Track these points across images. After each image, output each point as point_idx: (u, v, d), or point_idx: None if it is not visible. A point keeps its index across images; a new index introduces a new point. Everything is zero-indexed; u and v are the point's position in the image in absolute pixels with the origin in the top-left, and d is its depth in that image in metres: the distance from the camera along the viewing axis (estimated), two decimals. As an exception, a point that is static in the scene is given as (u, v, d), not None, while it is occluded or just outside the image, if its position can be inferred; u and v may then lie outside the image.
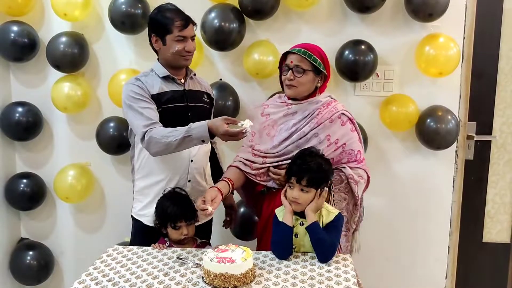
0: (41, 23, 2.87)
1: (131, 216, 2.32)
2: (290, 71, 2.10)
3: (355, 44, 2.66)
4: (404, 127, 2.74)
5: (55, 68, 2.79)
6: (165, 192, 2.10)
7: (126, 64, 2.87)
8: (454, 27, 2.73)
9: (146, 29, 2.68)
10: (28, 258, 2.95)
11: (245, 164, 2.17)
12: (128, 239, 2.87)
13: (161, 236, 2.10)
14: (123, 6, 2.64)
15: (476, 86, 2.86)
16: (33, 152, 3.02)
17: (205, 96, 2.29)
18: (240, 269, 1.62)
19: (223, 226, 2.49)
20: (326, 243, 1.82)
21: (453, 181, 2.90)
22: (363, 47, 2.65)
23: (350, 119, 2.16)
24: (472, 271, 3.07)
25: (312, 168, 1.86)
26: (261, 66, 2.68)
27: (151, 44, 2.20)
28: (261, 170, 2.15)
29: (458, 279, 3.03)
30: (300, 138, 2.11)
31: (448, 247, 2.96)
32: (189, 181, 2.21)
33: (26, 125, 2.83)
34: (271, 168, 2.13)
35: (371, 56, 2.63)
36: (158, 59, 2.23)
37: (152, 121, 2.04)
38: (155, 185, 2.19)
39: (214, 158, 2.45)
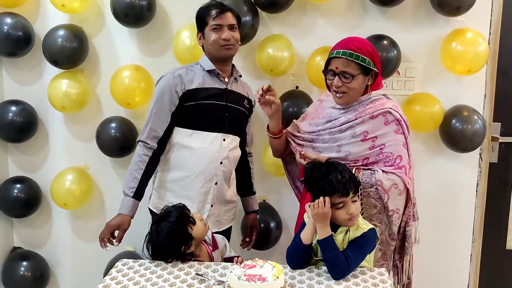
0: (36, 15, 2.74)
1: (148, 208, 2.27)
2: (337, 77, 1.93)
3: (377, 39, 2.50)
4: (428, 128, 2.60)
5: (52, 64, 2.64)
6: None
7: (128, 60, 2.72)
8: (480, 22, 2.60)
9: (151, 22, 2.62)
10: (22, 268, 2.82)
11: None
12: (130, 248, 2.73)
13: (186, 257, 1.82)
14: (127, -3, 2.47)
15: (502, 85, 2.73)
16: (28, 155, 2.89)
17: (245, 101, 2.29)
18: (271, 288, 1.45)
19: (241, 245, 2.49)
20: (338, 260, 1.64)
21: (477, 185, 2.77)
22: (385, 42, 2.50)
23: (397, 119, 1.95)
24: (495, 280, 2.94)
25: (346, 175, 1.71)
26: (275, 62, 2.53)
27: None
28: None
29: (481, 289, 2.91)
30: (334, 127, 1.99)
31: (471, 254, 2.84)
32: (216, 183, 2.19)
33: (20, 126, 2.70)
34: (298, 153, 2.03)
35: (395, 52, 2.49)
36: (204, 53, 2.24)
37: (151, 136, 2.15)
38: (179, 180, 2.17)
39: (246, 171, 2.43)
